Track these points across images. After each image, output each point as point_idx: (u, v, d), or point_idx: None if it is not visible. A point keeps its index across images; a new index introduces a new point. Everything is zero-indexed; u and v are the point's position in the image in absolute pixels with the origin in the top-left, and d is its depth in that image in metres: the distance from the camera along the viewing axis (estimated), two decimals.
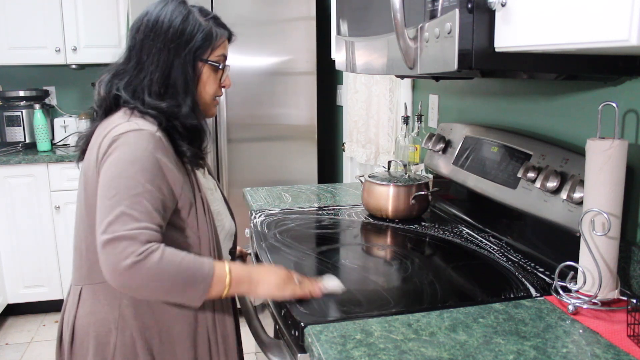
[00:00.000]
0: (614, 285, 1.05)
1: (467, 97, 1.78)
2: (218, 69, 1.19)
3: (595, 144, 1.02)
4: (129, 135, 1.04)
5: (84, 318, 1.13)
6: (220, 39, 1.18)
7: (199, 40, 1.14)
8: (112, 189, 1.00)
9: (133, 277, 0.96)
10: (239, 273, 1.06)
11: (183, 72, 1.13)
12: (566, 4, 0.81)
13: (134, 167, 1.01)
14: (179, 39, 1.12)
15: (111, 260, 0.96)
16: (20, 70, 3.39)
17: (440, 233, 1.53)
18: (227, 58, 1.22)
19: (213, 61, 1.17)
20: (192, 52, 1.13)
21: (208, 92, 1.19)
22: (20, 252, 3.03)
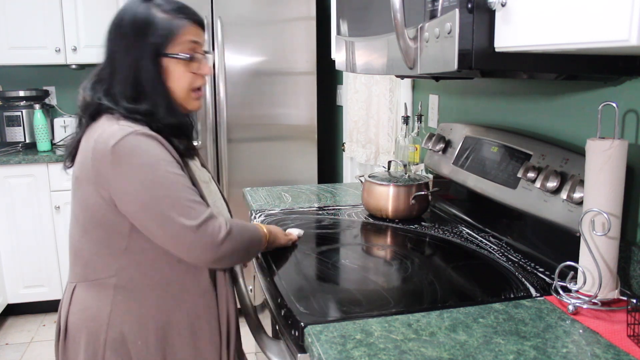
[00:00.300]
0: (614, 285, 1.05)
1: (467, 97, 1.78)
2: (187, 60, 1.15)
3: (595, 144, 1.02)
4: (126, 142, 1.05)
5: (76, 314, 1.16)
6: (183, 30, 1.14)
7: (158, 36, 1.12)
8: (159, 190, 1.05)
9: (229, 245, 1.10)
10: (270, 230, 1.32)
11: (148, 72, 1.12)
12: (566, 4, 0.81)
13: (160, 165, 1.06)
14: (139, 38, 1.12)
15: (208, 240, 1.07)
16: (20, 70, 3.39)
17: (440, 233, 1.53)
18: (200, 44, 1.19)
19: (175, 54, 1.14)
20: (153, 49, 1.12)
21: (181, 86, 1.16)
22: (20, 252, 3.03)
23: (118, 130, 1.06)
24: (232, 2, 2.77)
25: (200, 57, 1.18)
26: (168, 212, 1.05)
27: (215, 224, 1.08)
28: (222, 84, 2.79)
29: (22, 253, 3.03)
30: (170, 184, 1.05)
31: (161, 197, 1.05)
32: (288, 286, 1.17)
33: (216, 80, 2.81)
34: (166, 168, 1.06)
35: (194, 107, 1.22)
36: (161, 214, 1.05)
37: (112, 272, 1.13)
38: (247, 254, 1.20)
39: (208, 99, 2.80)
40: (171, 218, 1.05)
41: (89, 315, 1.15)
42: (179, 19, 1.14)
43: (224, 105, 2.82)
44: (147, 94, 1.13)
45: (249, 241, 1.17)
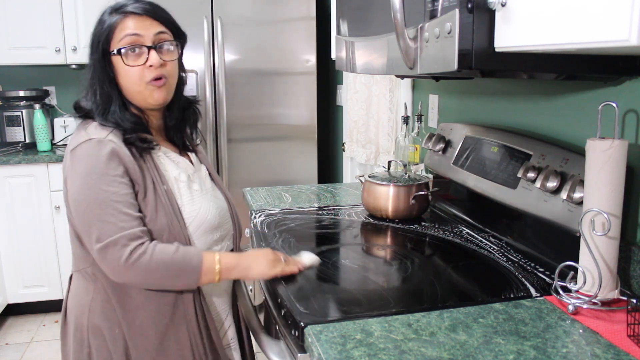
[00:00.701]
0: (614, 285, 1.05)
1: (467, 97, 1.78)
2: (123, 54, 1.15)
3: (595, 144, 1.02)
4: (80, 149, 1.13)
5: (70, 300, 1.27)
6: (118, 25, 1.15)
7: (102, 36, 1.16)
8: (82, 204, 1.11)
9: (126, 275, 1.10)
10: (228, 261, 1.17)
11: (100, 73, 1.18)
12: (566, 4, 0.81)
13: (91, 178, 1.10)
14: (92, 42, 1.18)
15: (108, 266, 1.11)
16: (20, 70, 3.39)
17: (440, 233, 1.53)
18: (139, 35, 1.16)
19: (112, 51, 1.16)
20: (100, 50, 1.16)
21: (131, 81, 1.17)
22: (20, 252, 3.03)
23: (80, 136, 1.15)
24: (232, 2, 2.77)
25: (141, 49, 1.16)
26: (82, 227, 1.12)
27: (117, 253, 1.08)
28: (222, 84, 2.79)
29: (22, 253, 3.03)
30: (92, 200, 1.09)
31: (82, 210, 1.11)
32: (288, 286, 1.17)
33: (216, 80, 2.81)
34: (95, 183, 1.10)
35: (155, 100, 1.20)
36: (80, 225, 1.13)
37: (88, 263, 1.20)
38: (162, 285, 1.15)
39: (208, 99, 2.80)
40: (85, 232, 1.12)
41: (77, 302, 1.24)
42: (116, 15, 1.16)
43: (224, 105, 2.82)
44: (102, 94, 1.18)
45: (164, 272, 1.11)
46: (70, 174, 1.13)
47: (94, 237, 1.09)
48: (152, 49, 1.17)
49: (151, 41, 1.17)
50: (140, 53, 1.16)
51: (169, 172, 1.23)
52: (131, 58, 1.16)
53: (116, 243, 1.08)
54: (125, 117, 1.18)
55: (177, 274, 1.13)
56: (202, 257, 1.15)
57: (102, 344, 1.20)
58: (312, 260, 1.26)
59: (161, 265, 1.10)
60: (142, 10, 1.17)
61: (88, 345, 1.21)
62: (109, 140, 1.13)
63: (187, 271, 1.13)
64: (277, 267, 1.19)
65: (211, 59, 2.78)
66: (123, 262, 1.08)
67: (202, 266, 1.14)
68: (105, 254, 1.08)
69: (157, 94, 1.20)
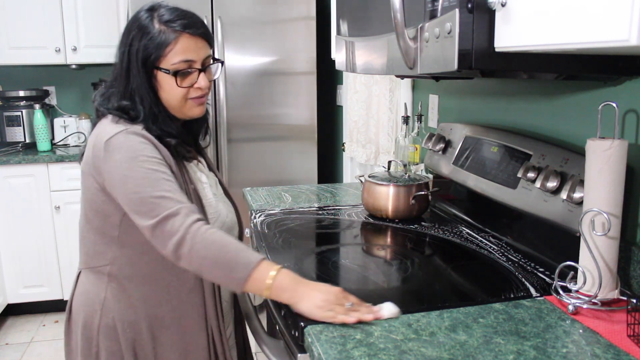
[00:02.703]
0: (614, 285, 1.05)
1: (467, 97, 1.78)
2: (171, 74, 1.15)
3: (595, 144, 1.02)
4: (118, 138, 1.11)
5: (78, 298, 1.24)
6: (174, 43, 1.14)
7: (150, 48, 1.14)
8: (131, 187, 1.08)
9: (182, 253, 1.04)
10: (284, 280, 1.04)
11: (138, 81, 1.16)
12: (566, 4, 0.81)
13: (138, 160, 1.09)
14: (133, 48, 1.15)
15: (164, 240, 1.05)
16: (20, 70, 3.39)
17: (440, 233, 1.53)
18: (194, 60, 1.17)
19: (165, 69, 1.15)
20: (143, 59, 1.15)
21: (173, 98, 1.18)
22: (20, 252, 3.03)
23: (113, 128, 1.13)
24: (232, 2, 2.77)
25: (191, 72, 1.17)
26: (135, 207, 1.08)
27: (176, 223, 1.04)
28: (222, 84, 2.79)
29: (22, 253, 3.03)
30: (141, 179, 1.07)
31: (131, 191, 1.08)
32: None
33: (216, 80, 2.80)
34: (142, 164, 1.09)
35: (194, 113, 1.23)
36: (133, 207, 1.09)
37: (107, 260, 1.19)
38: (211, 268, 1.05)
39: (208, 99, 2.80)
40: (137, 213, 1.08)
41: (86, 300, 1.22)
42: (171, 32, 1.14)
43: (224, 105, 2.82)
44: (138, 102, 1.16)
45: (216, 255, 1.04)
46: (110, 162, 1.10)
47: (151, 214, 1.05)
48: (202, 71, 1.19)
49: (201, 64, 1.19)
50: (190, 74, 1.18)
51: (191, 173, 1.24)
52: (181, 80, 1.17)
53: (176, 214, 1.04)
54: (172, 127, 1.19)
55: (229, 261, 1.04)
56: (259, 261, 1.05)
57: (113, 345, 1.19)
58: (392, 313, 1.03)
59: (217, 245, 1.04)
60: (196, 33, 1.17)
61: (97, 345, 1.20)
62: (144, 132, 1.14)
63: (239, 262, 1.04)
64: (331, 311, 0.99)
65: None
66: (182, 233, 1.03)
67: (255, 268, 1.03)
68: (163, 228, 1.04)
69: (198, 110, 1.23)
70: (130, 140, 1.11)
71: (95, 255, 1.21)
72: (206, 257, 1.04)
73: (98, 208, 1.17)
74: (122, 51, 1.18)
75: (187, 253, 1.04)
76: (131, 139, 1.11)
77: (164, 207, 1.05)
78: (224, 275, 1.05)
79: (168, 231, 1.04)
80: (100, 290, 1.20)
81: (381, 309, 1.03)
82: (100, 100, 1.20)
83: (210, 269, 1.06)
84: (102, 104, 1.19)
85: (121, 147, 1.10)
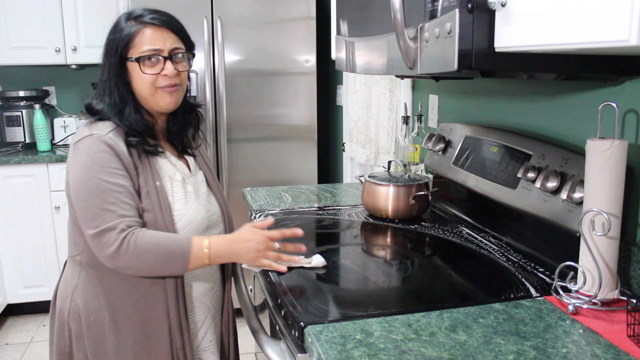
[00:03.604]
0: (614, 285, 1.05)
1: (467, 97, 1.78)
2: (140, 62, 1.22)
3: (595, 144, 1.02)
4: (82, 143, 1.20)
5: (61, 286, 1.32)
6: (137, 34, 1.22)
7: (119, 42, 1.22)
8: (82, 192, 1.17)
9: (119, 260, 1.15)
10: (218, 248, 1.21)
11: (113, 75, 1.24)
12: (566, 4, 0.81)
13: (92, 169, 1.17)
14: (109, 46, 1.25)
15: (100, 250, 1.16)
16: (20, 70, 3.39)
17: (440, 233, 1.53)
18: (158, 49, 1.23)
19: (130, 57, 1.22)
20: (117, 54, 1.23)
21: (145, 86, 1.24)
22: (20, 252, 3.03)
23: (83, 131, 1.22)
24: (232, 2, 2.77)
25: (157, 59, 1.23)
26: (80, 214, 1.18)
27: (111, 237, 1.13)
28: (222, 84, 2.79)
29: (22, 253, 3.03)
30: (92, 189, 1.16)
31: (80, 198, 1.17)
32: (288, 286, 1.17)
33: (216, 80, 2.81)
34: (95, 173, 1.16)
35: (165, 103, 1.27)
36: (79, 213, 1.18)
37: (79, 250, 1.26)
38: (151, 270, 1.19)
39: (208, 99, 2.80)
40: (83, 219, 1.17)
41: (64, 286, 1.31)
42: (137, 24, 1.23)
43: (224, 105, 2.82)
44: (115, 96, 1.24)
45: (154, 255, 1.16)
46: (72, 165, 1.20)
47: (92, 224, 1.15)
48: (168, 59, 1.24)
49: (167, 52, 1.24)
50: (157, 62, 1.23)
51: (164, 170, 1.29)
52: (148, 66, 1.23)
53: (113, 228, 1.14)
54: (137, 120, 1.25)
55: (167, 258, 1.17)
56: (192, 240, 1.19)
57: (79, 329, 1.26)
58: (318, 263, 1.27)
59: (151, 247, 1.15)
60: (160, 22, 1.24)
61: (69, 329, 1.27)
62: (108, 137, 1.20)
63: (176, 254, 1.17)
64: (265, 260, 1.23)
65: (211, 59, 2.78)
66: (116, 246, 1.13)
67: (191, 249, 1.18)
68: (100, 239, 1.14)
69: (169, 99, 1.27)
70: (91, 147, 1.18)
71: (72, 244, 1.29)
72: (145, 260, 1.16)
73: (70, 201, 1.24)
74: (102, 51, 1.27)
75: (126, 262, 1.15)
76: (93, 145, 1.18)
77: (104, 219, 1.14)
78: (166, 269, 1.20)
79: (105, 243, 1.14)
80: (74, 277, 1.28)
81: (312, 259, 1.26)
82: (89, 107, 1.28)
83: (152, 269, 1.19)
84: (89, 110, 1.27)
85: (82, 153, 1.19)
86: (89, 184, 1.16)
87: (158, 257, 1.16)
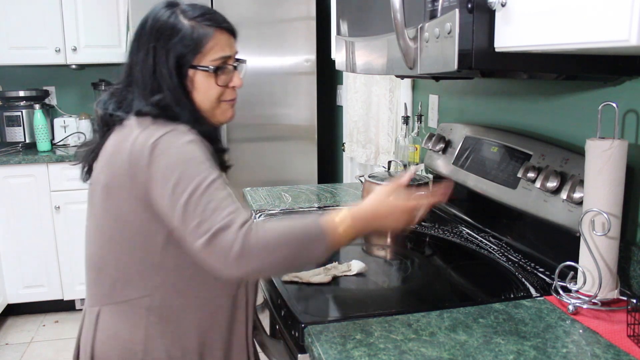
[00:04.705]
0: (614, 285, 1.05)
1: (467, 97, 1.78)
2: (214, 72, 1.06)
3: (595, 144, 1.02)
4: (166, 139, 0.98)
5: (105, 343, 1.05)
6: (209, 39, 1.05)
7: (183, 46, 1.03)
8: (181, 194, 0.93)
9: (249, 260, 0.90)
10: (356, 226, 0.99)
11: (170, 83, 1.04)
12: (566, 4, 0.81)
13: (189, 164, 0.96)
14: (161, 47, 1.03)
15: (219, 257, 0.91)
16: (20, 70, 3.39)
17: (440, 233, 1.53)
18: (230, 56, 1.10)
19: (204, 66, 1.05)
20: (176, 59, 1.03)
21: (207, 99, 1.08)
22: (20, 252, 3.03)
23: (154, 130, 0.99)
24: (232, 2, 2.77)
25: (229, 69, 1.09)
26: (180, 223, 0.94)
27: (230, 236, 0.90)
28: None
29: (22, 253, 3.03)
30: (195, 185, 0.94)
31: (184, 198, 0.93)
32: (288, 286, 1.17)
33: None
34: (199, 170, 0.96)
35: (226, 118, 1.13)
36: (178, 222, 0.94)
37: (146, 291, 1.03)
38: (287, 262, 0.95)
39: None
40: (184, 228, 0.94)
41: (121, 343, 1.04)
42: (205, 27, 1.05)
43: None
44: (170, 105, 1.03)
45: (285, 249, 0.93)
46: (156, 167, 0.96)
47: (200, 231, 0.91)
48: (235, 70, 1.11)
49: (234, 62, 1.11)
50: (227, 73, 1.09)
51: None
52: (218, 77, 1.07)
53: (229, 226, 0.91)
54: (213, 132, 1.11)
55: (303, 243, 0.94)
56: (321, 220, 0.97)
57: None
58: (359, 269, 1.23)
59: (282, 236, 0.93)
60: (231, 30, 1.11)
61: None
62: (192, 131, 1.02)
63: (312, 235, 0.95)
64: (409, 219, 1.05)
65: None
66: (240, 245, 0.89)
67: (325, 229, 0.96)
68: (216, 244, 0.90)
69: (230, 113, 1.14)
70: (179, 142, 0.98)
71: (128, 286, 1.03)
72: (280, 251, 0.93)
73: (137, 228, 1.01)
74: (143, 53, 1.04)
75: (257, 260, 0.91)
76: (180, 140, 0.98)
77: (214, 220, 0.91)
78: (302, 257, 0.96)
79: (224, 246, 0.90)
80: (137, 328, 1.03)
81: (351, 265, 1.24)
82: (114, 105, 1.06)
83: (287, 260, 0.94)
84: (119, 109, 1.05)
85: (169, 150, 0.97)
86: (187, 182, 0.94)
87: (293, 244, 0.93)
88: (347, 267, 1.24)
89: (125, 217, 1.01)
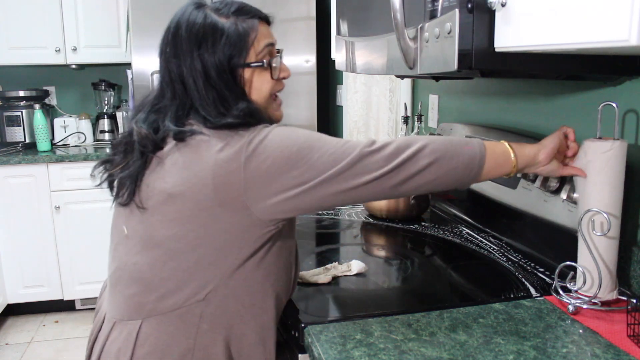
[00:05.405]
0: (614, 285, 1.05)
1: (467, 97, 1.78)
2: (266, 67, 1.00)
3: (594, 145, 1.02)
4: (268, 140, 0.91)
5: (147, 358, 0.96)
6: (253, 32, 0.98)
7: (228, 46, 0.96)
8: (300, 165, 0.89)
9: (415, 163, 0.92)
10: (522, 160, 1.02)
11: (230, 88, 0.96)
12: (566, 4, 0.81)
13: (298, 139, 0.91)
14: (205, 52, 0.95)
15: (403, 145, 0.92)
16: (20, 70, 3.39)
17: (440, 233, 1.53)
18: (274, 45, 1.03)
19: (255, 62, 0.99)
20: (226, 61, 0.96)
21: (262, 96, 1.01)
22: (20, 252, 3.03)
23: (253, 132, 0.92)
24: None
25: (277, 59, 1.03)
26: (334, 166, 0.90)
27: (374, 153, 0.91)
28: None
29: (22, 253, 3.03)
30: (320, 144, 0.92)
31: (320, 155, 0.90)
32: None
33: None
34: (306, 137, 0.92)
35: (277, 116, 1.06)
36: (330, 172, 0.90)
37: (201, 296, 0.94)
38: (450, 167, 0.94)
39: None
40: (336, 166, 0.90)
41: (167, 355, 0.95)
42: (244, 21, 0.98)
43: None
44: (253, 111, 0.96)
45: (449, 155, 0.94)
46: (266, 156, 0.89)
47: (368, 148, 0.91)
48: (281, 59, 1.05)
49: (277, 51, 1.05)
50: (276, 64, 1.02)
51: None
52: (275, 71, 1.02)
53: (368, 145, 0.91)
54: None
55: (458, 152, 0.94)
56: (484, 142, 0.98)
57: None
58: (359, 269, 1.24)
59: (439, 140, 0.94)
60: (266, 16, 1.04)
61: None
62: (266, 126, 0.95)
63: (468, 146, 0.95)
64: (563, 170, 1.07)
65: None
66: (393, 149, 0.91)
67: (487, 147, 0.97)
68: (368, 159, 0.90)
69: (280, 113, 1.08)
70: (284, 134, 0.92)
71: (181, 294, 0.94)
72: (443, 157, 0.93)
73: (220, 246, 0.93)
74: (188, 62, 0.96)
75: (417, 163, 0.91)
76: (283, 131, 0.93)
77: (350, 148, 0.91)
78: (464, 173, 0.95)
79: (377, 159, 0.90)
80: (187, 336, 0.95)
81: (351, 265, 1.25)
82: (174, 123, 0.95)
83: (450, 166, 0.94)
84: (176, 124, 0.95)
85: (277, 137, 0.91)
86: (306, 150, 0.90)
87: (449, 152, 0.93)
88: (347, 267, 1.24)
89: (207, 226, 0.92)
